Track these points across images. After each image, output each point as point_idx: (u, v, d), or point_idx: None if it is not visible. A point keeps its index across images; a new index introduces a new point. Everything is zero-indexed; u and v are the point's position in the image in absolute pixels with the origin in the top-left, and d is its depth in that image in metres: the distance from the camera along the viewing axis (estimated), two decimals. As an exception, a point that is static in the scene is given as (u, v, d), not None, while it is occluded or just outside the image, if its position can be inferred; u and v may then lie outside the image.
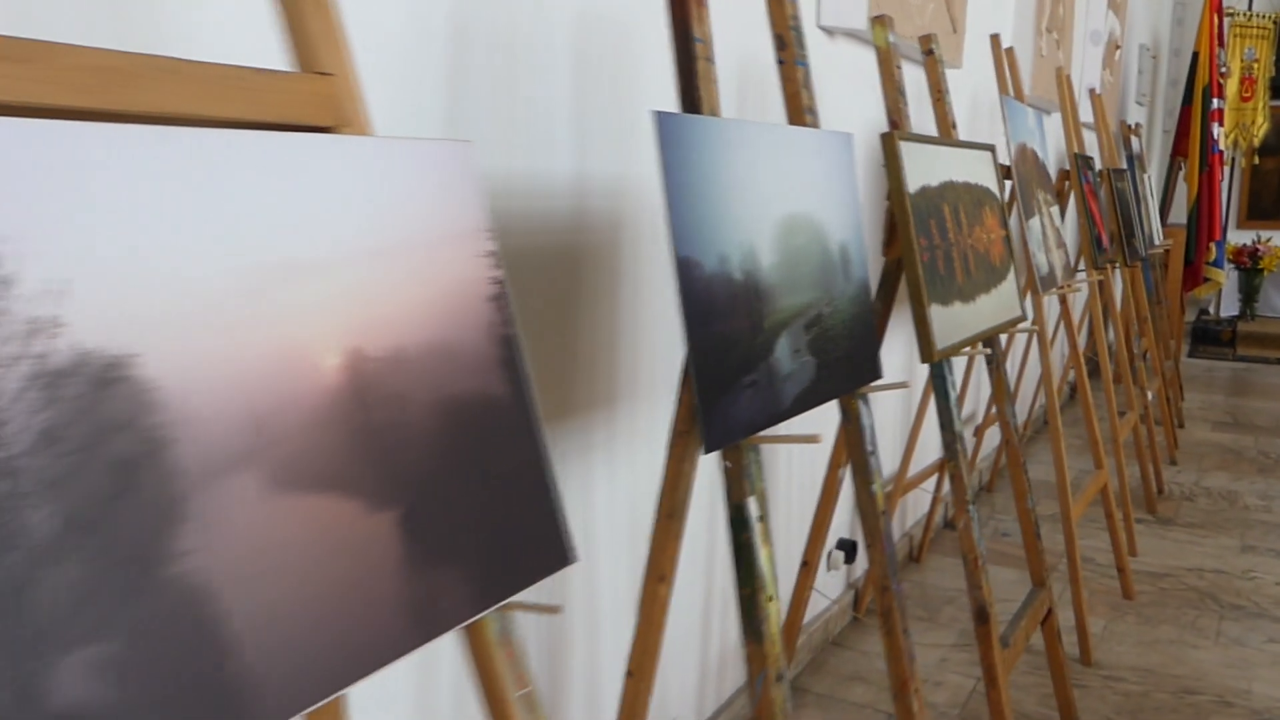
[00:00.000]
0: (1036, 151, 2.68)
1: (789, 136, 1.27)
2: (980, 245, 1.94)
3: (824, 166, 1.35)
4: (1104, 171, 3.88)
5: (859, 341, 1.38)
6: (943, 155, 1.85)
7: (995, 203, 2.08)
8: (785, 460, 2.26)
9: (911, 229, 1.62)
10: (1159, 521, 3.50)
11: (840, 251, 1.36)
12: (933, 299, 1.67)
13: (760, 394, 1.13)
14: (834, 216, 1.35)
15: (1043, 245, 2.50)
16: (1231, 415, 5.15)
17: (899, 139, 1.63)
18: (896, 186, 1.62)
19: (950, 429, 1.73)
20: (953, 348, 1.72)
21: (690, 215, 1.04)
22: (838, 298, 1.34)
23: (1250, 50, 7.49)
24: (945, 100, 1.99)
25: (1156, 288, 4.76)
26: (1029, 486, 2.05)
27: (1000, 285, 2.02)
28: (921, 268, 1.64)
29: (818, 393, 1.27)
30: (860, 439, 1.38)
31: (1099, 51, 5.15)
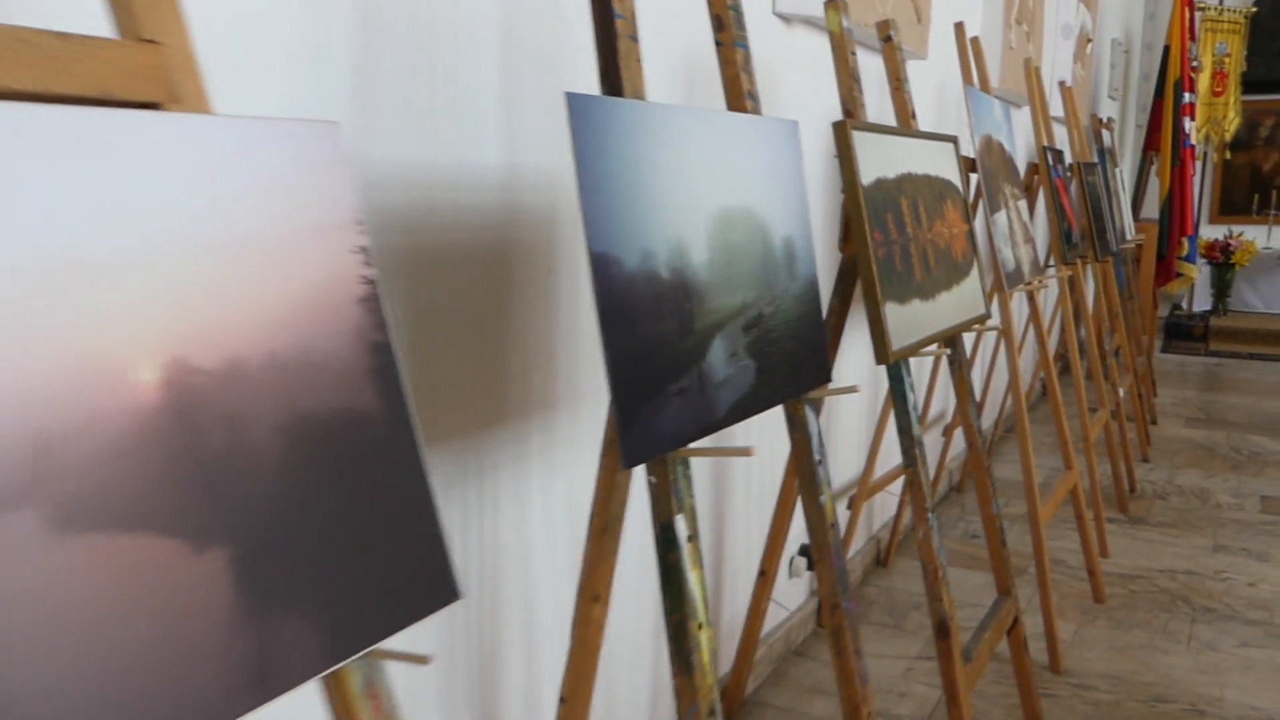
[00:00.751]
0: (1003, 144, 2.60)
1: (727, 124, 1.18)
2: (941, 240, 1.86)
3: (767, 156, 1.26)
4: (1074, 165, 3.81)
5: (805, 343, 1.29)
6: (901, 146, 1.77)
7: (957, 196, 2.00)
8: (743, 464, 2.17)
9: (865, 223, 1.53)
10: (1130, 521, 3.44)
11: (784, 247, 1.27)
12: (888, 297, 1.58)
13: (690, 402, 1.04)
14: (777, 209, 1.26)
15: (1009, 240, 2.43)
16: (1204, 411, 5.10)
17: (852, 128, 1.55)
18: (850, 178, 1.53)
19: (909, 434, 1.65)
20: (910, 348, 1.63)
21: (608, 208, 0.95)
22: (781, 296, 1.25)
23: (1221, 45, 7.47)
24: (904, 89, 1.91)
25: (1128, 283, 4.71)
26: (993, 491, 1.97)
27: (963, 282, 1.94)
28: (876, 264, 1.55)
29: (758, 399, 1.17)
30: (807, 448, 1.29)
31: (1070, 45, 5.09)
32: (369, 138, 1.17)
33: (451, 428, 1.33)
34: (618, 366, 0.94)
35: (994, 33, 3.61)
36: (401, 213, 1.23)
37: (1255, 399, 5.38)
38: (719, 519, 2.10)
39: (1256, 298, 7.91)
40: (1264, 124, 8.22)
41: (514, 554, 1.47)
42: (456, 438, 1.34)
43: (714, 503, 2.07)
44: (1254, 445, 4.43)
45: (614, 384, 0.93)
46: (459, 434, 1.34)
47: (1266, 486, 3.83)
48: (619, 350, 0.94)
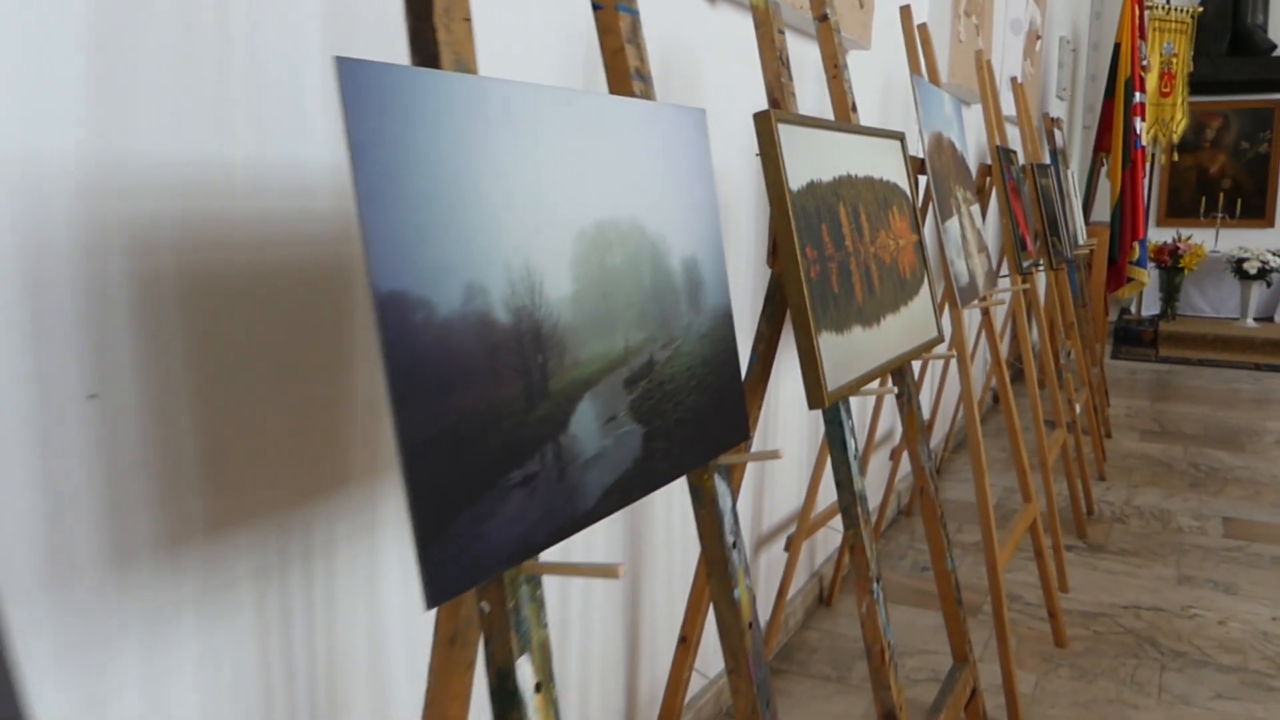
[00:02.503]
0: (954, 143, 2.35)
1: (604, 111, 0.89)
2: (886, 254, 1.59)
3: (663, 153, 0.97)
4: (1027, 167, 3.58)
5: (714, 394, 1.01)
6: (839, 143, 1.49)
7: (905, 202, 1.73)
8: (664, 508, 1.89)
9: (795, 236, 1.25)
10: (1090, 549, 3.21)
11: (686, 270, 0.98)
12: (823, 326, 1.30)
13: (541, 494, 0.75)
14: (676, 222, 0.97)
15: (962, 251, 2.17)
16: (1158, 422, 4.92)
17: (778, 120, 1.27)
18: (775, 181, 1.25)
19: (849, 489, 1.37)
20: (850, 386, 1.36)
21: (408, 226, 0.66)
22: (681, 336, 0.96)
23: (1169, 44, 7.35)
24: (843, 77, 1.63)
25: (1082, 290, 4.51)
26: (948, 542, 1.70)
27: (912, 302, 1.67)
28: (808, 286, 1.27)
29: (648, 475, 0.89)
30: (717, 528, 1.00)
31: (1020, 41, 4.88)
32: (121, 130, 0.86)
33: (259, 504, 1.02)
34: (419, 458, 0.64)
35: (942, 24, 3.37)
36: (178, 225, 0.92)
37: (1208, 409, 5.21)
38: (635, 572, 1.81)
39: (1204, 302, 7.81)
40: (1210, 125, 8.13)
41: (362, 657, 1.17)
42: (265, 515, 1.03)
43: (630, 554, 1.78)
44: (1211, 460, 4.24)
45: (412, 485, 0.63)
46: (271, 510, 1.04)
47: (1227, 507, 3.63)
48: (420, 434, 0.65)
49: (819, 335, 1.28)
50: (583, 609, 1.65)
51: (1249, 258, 7.17)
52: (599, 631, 1.71)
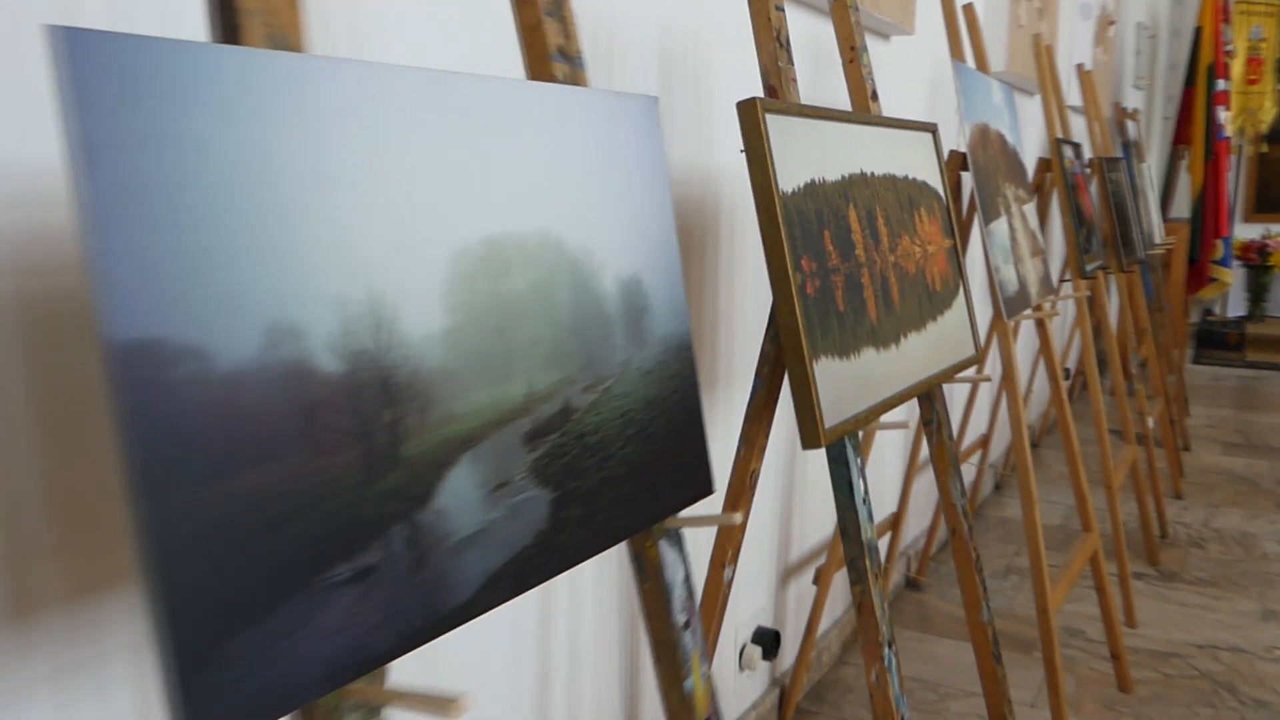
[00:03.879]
0: (1004, 136, 2.13)
1: (504, 101, 0.72)
2: (910, 263, 1.39)
3: (596, 152, 0.80)
4: (1095, 161, 3.32)
5: (664, 442, 0.83)
6: (853, 137, 1.30)
7: (937, 202, 1.53)
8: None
9: (785, 246, 1.07)
10: (1161, 577, 2.94)
11: (624, 294, 0.81)
12: (822, 350, 1.11)
13: (386, 590, 0.58)
14: (611, 235, 0.80)
15: (1010, 255, 1.95)
16: (1243, 434, 4.59)
17: (765, 110, 1.08)
18: (761, 181, 1.07)
19: (855, 539, 1.18)
20: (858, 419, 1.16)
21: (166, 251, 0.49)
22: (614, 374, 0.78)
23: (1257, 29, 6.92)
24: (862, 61, 1.44)
25: (1157, 293, 4.21)
26: (984, 589, 1.49)
27: (942, 317, 1.47)
28: (803, 304, 1.08)
29: (558, 550, 0.71)
30: (663, 605, 0.82)
31: (1089, 26, 4.59)
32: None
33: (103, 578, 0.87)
34: (176, 561, 0.48)
35: (1000, 6, 3.13)
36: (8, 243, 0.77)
37: (1299, 418, 4.86)
38: (631, 611, 1.63)
39: (1295, 302, 7.35)
40: (1302, 115, 7.65)
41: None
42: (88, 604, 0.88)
43: (622, 592, 1.61)
44: (1301, 476, 3.92)
45: (162, 598, 0.47)
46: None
47: (1319, 529, 3.33)
48: (179, 529, 0.48)
49: (815, 362, 1.09)
50: (569, 649, 1.48)
51: (1344, 255, 6.73)
52: (588, 679, 1.54)
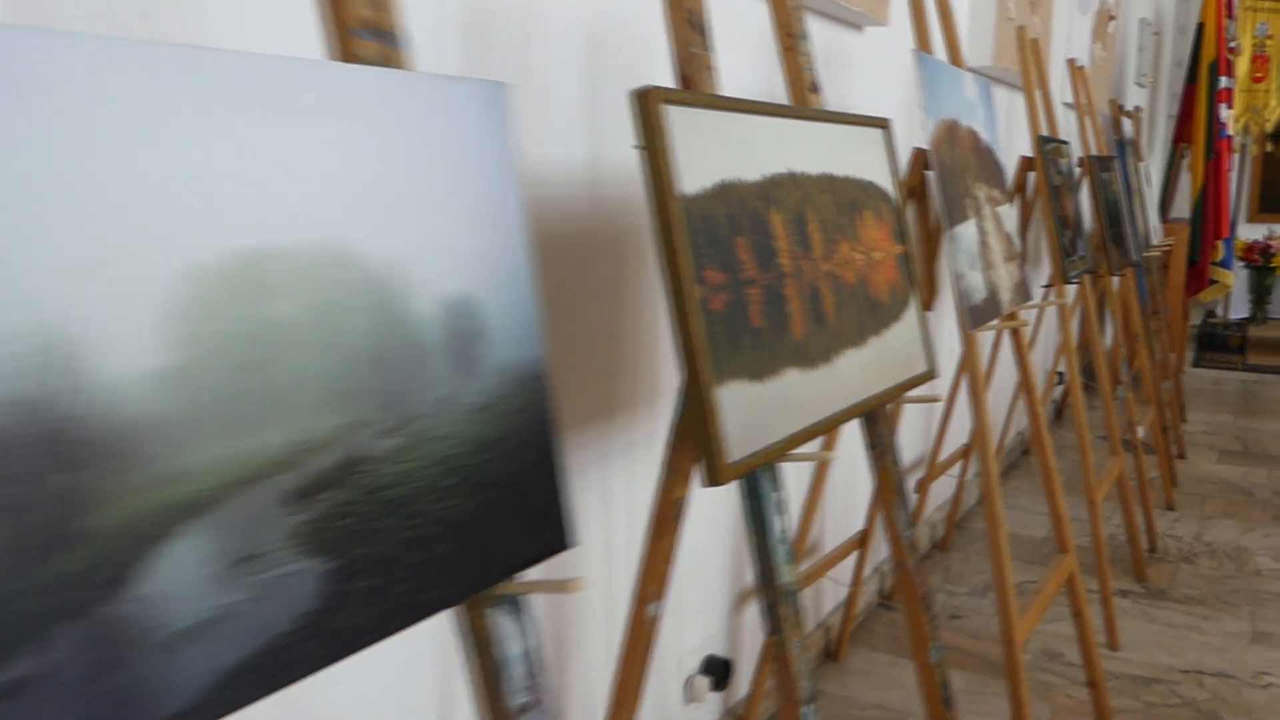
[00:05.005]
0: (978, 133, 2.00)
1: (279, 84, 0.59)
2: (849, 272, 1.26)
3: (416, 148, 0.67)
4: (1085, 159, 3.19)
5: (501, 491, 0.70)
6: (781, 133, 1.17)
7: (886, 205, 1.40)
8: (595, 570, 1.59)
9: (681, 256, 0.94)
10: (1149, 595, 2.81)
11: (450, 317, 0.68)
12: (728, 373, 0.99)
13: (50, 707, 0.45)
14: (433, 247, 0.67)
15: (978, 261, 1.82)
16: (1241, 441, 4.45)
17: (662, 100, 0.95)
18: (657, 182, 0.94)
19: (771, 583, 1.05)
20: (773, 450, 1.04)
21: None
22: (431, 413, 0.66)
23: (1262, 25, 6.76)
24: (800, 49, 1.31)
25: (1153, 296, 4.07)
26: (932, 629, 1.36)
27: (889, 330, 1.34)
28: (706, 321, 0.95)
29: (335, 634, 0.59)
30: (494, 684, 0.69)
31: (1087, 21, 4.45)
32: None
33: None
34: None
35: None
36: None
37: (1300, 426, 4.72)
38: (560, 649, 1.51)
39: (1300, 304, 7.20)
40: (1309, 113, 7.49)
41: None
42: None
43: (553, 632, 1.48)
44: (1300, 487, 3.78)
45: None
46: None
47: (1316, 545, 3.19)
48: None
49: (719, 386, 0.96)
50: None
51: (1350, 257, 6.57)
52: None
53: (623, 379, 1.57)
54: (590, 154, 1.43)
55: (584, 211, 1.44)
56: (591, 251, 1.46)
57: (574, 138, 1.40)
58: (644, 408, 1.63)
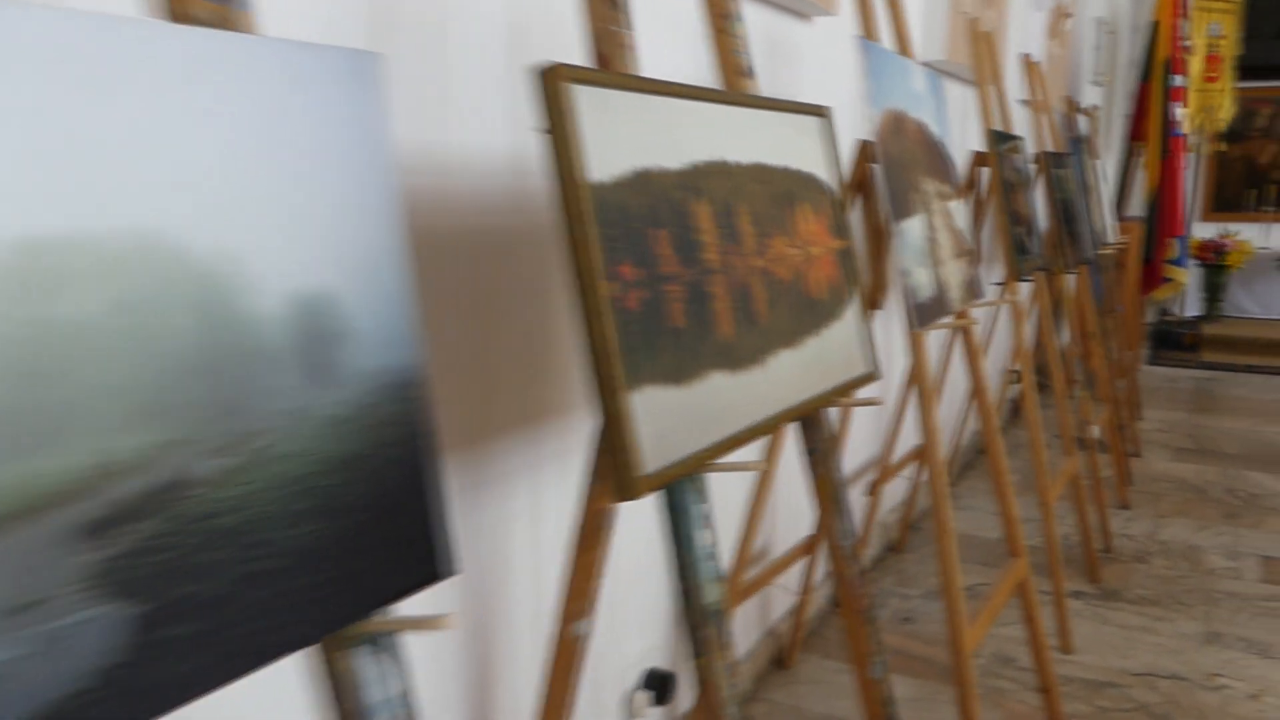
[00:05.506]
0: (926, 125, 1.93)
1: (74, 45, 0.51)
2: (783, 268, 1.19)
3: (255, 124, 0.59)
4: (1040, 156, 3.15)
5: (366, 514, 0.62)
6: (707, 119, 1.09)
7: (824, 197, 1.33)
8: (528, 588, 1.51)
9: (590, 250, 0.86)
10: (1102, 596, 2.77)
11: (304, 316, 0.60)
12: (646, 377, 0.91)
13: None
14: (281, 237, 0.59)
15: (926, 257, 1.76)
16: (1195, 439, 4.45)
17: (569, 79, 0.87)
18: (564, 169, 0.86)
19: (695, 604, 0.97)
20: (693, 460, 0.96)
21: None
22: (276, 428, 0.57)
23: (1215, 25, 6.80)
24: (733, 31, 1.23)
25: (1108, 294, 4.05)
26: (876, 644, 1.29)
27: (827, 330, 1.27)
28: (617, 322, 0.88)
29: (137, 695, 0.50)
30: (361, 735, 0.61)
31: (1042, 18, 4.43)
32: None
33: None
34: None
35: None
36: None
37: (1251, 423, 4.72)
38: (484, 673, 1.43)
39: (1252, 302, 7.27)
40: (1260, 113, 7.57)
41: None
42: None
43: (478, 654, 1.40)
44: (1251, 485, 3.77)
45: None
46: None
47: (1267, 543, 3.17)
48: None
49: (632, 392, 0.88)
50: None
51: (1301, 255, 6.62)
52: None
53: (555, 381, 1.49)
54: (513, 141, 1.35)
55: (508, 204, 1.36)
56: (517, 246, 1.38)
57: (494, 124, 1.32)
58: (579, 411, 1.55)
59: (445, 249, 1.26)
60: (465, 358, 1.30)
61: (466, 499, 1.34)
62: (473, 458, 1.35)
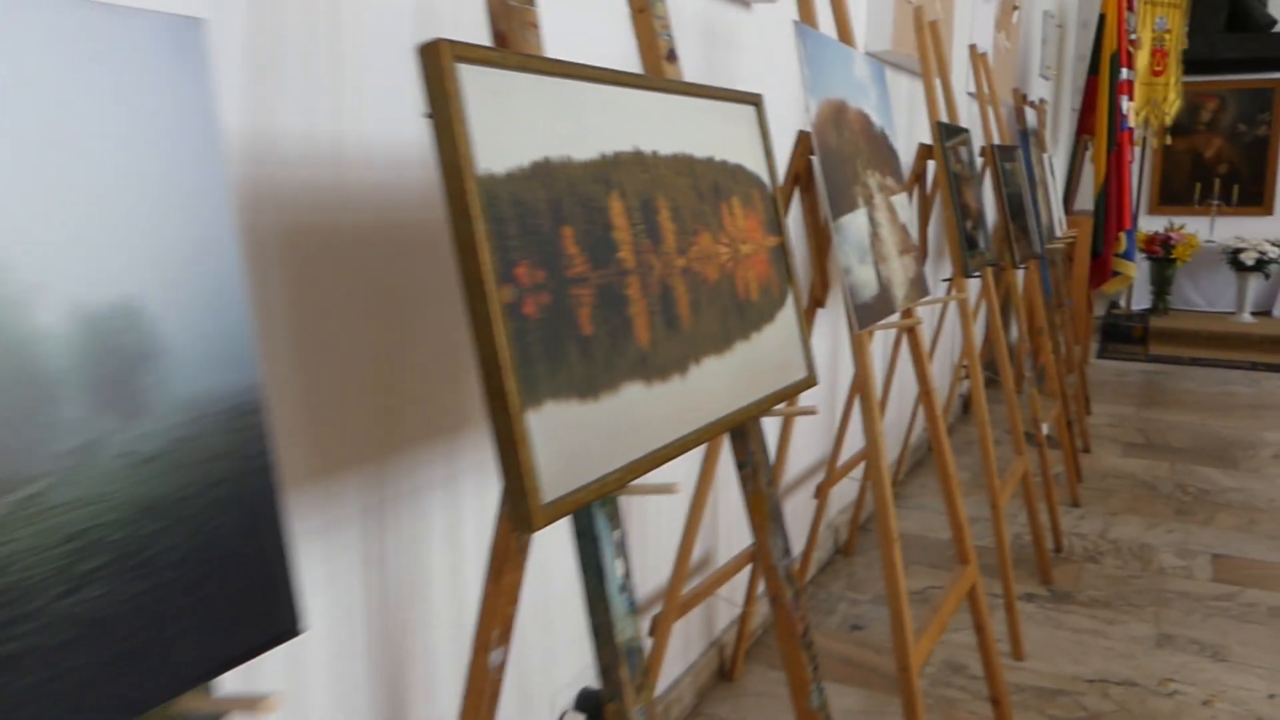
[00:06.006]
0: (870, 116, 1.85)
1: None
2: (711, 267, 1.09)
3: (30, 101, 0.48)
4: (988, 149, 3.09)
5: (182, 570, 0.52)
6: (622, 105, 1.00)
7: (758, 191, 1.23)
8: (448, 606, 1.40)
9: (479, 250, 0.76)
10: (1054, 598, 2.72)
11: (96, 334, 0.49)
12: (549, 392, 0.81)
13: None
14: (65, 238, 0.48)
15: (868, 254, 1.67)
16: (1144, 434, 4.43)
17: (455, 57, 0.77)
18: (450, 159, 0.76)
19: (608, 640, 0.88)
20: (605, 483, 0.86)
21: None
22: (58, 470, 0.47)
23: (1161, 20, 6.83)
24: (655, 11, 1.14)
25: (1057, 289, 4.01)
26: (814, 671, 1.21)
27: (759, 334, 1.18)
28: (512, 331, 0.78)
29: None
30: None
31: (991, 10, 4.38)
32: None
33: None
34: None
35: (883, -20, 2.87)
36: None
37: (1199, 417, 4.73)
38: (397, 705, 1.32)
39: (1199, 295, 7.32)
40: (1206, 107, 7.63)
41: None
42: None
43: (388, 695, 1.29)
44: (1201, 479, 3.76)
45: None
46: None
47: (1217, 540, 3.15)
48: None
49: (530, 410, 0.78)
50: None
51: (1246, 248, 6.68)
52: None
53: (474, 387, 1.38)
54: (424, 132, 1.25)
55: (418, 198, 1.25)
56: (430, 243, 1.28)
57: (401, 113, 1.21)
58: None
59: (344, 246, 1.15)
60: (370, 364, 1.20)
61: (372, 518, 1.24)
62: (381, 472, 1.24)
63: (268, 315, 1.06)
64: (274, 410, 1.08)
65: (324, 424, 1.15)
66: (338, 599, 1.21)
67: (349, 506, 1.22)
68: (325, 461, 1.16)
